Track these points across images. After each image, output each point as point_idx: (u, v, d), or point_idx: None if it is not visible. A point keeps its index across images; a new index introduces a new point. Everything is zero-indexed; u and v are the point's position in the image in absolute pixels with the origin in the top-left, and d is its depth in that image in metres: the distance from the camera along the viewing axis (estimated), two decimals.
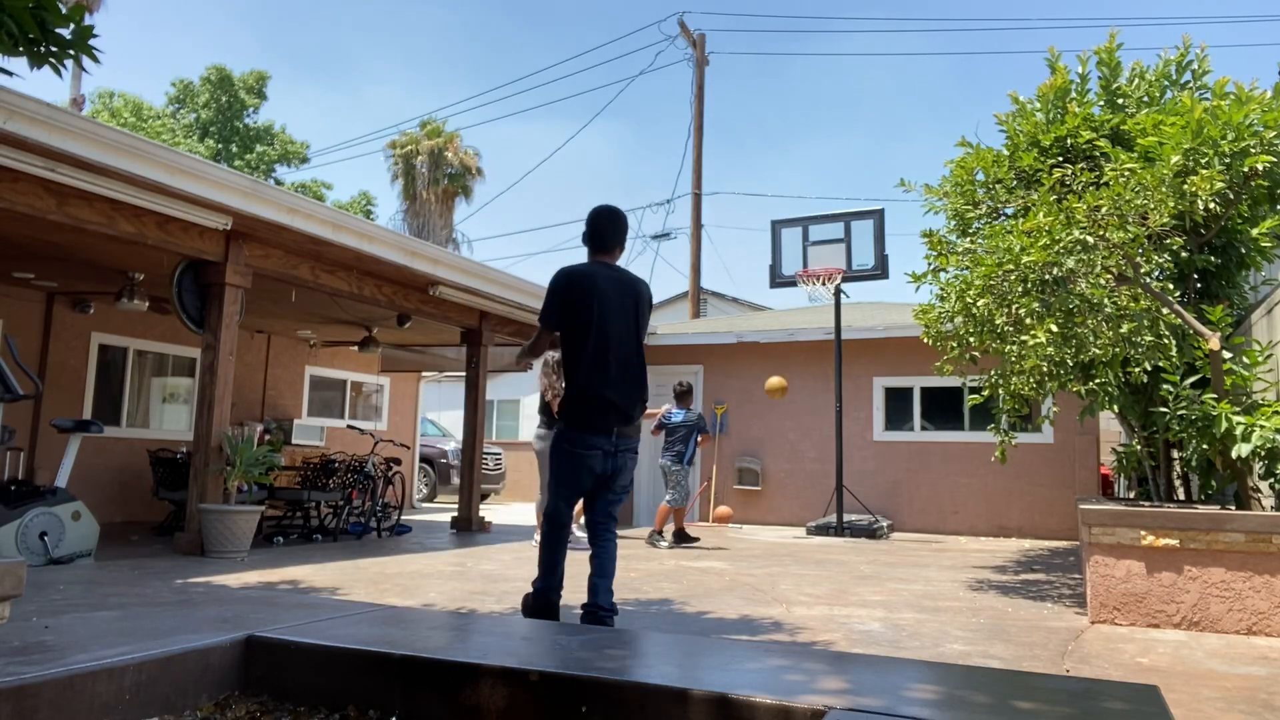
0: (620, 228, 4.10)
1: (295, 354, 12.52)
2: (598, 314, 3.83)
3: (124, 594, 4.28)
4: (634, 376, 3.89)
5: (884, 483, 11.48)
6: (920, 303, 6.51)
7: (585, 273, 3.93)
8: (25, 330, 9.13)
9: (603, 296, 3.86)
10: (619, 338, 3.86)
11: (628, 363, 3.87)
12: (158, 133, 24.79)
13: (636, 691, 2.21)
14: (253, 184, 6.47)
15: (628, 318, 3.92)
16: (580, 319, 3.83)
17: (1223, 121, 5.06)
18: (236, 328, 6.90)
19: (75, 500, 5.94)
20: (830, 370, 10.83)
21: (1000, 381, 6.01)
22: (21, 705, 2.11)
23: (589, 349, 3.80)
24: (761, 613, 4.66)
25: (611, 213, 4.10)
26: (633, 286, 4.01)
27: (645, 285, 4.11)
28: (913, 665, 2.54)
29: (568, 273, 3.93)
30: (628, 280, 4.03)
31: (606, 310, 3.85)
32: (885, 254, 10.28)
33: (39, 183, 5.47)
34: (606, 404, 3.79)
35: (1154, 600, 4.52)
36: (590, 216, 4.10)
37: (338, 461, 8.50)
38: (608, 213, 4.09)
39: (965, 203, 6.26)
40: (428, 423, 16.87)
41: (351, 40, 66.03)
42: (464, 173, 29.87)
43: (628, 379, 3.86)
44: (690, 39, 18.38)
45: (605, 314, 3.84)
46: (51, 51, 3.16)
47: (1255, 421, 4.63)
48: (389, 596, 4.82)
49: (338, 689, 2.56)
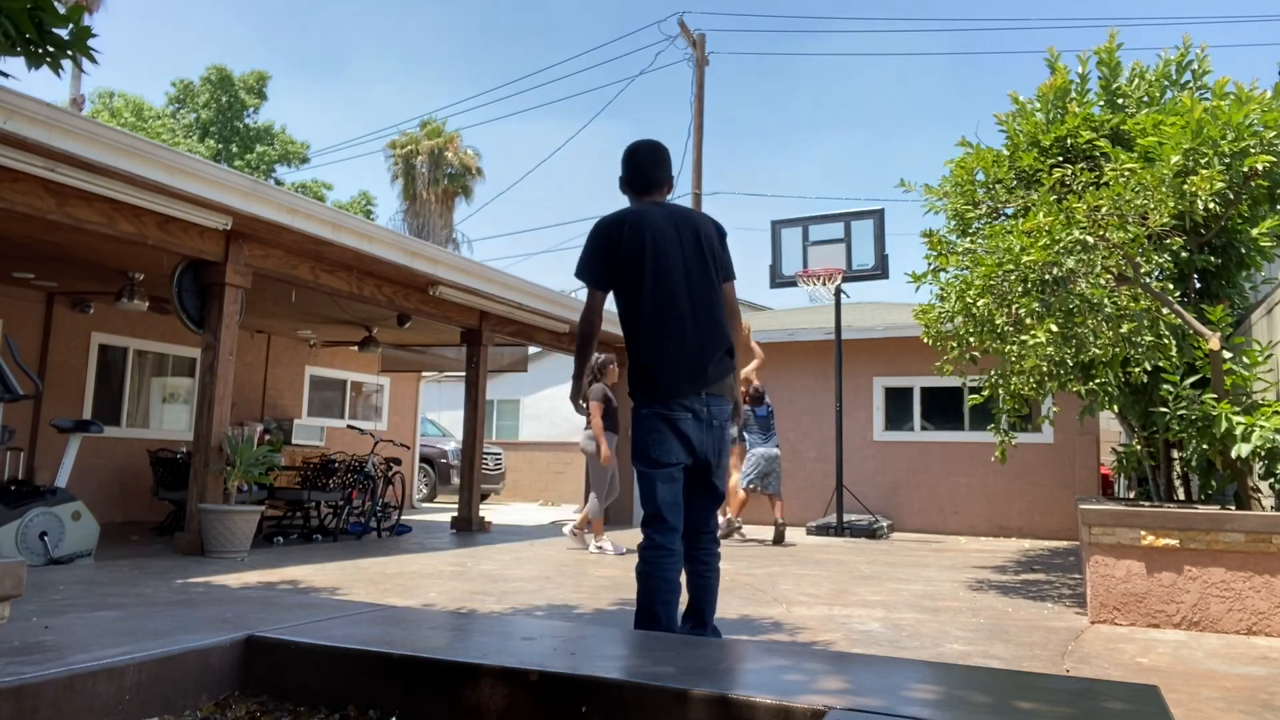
0: (664, 159, 3.47)
1: (295, 354, 12.52)
2: (651, 260, 3.20)
3: (124, 594, 4.28)
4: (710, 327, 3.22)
5: (884, 483, 11.48)
6: (920, 303, 6.51)
7: (631, 213, 3.30)
8: (25, 330, 9.13)
9: (658, 235, 3.23)
10: (685, 283, 3.22)
11: (699, 311, 3.21)
12: (158, 133, 24.80)
13: (636, 691, 2.21)
14: (253, 184, 6.47)
15: (691, 258, 3.26)
16: (631, 269, 3.21)
17: (1223, 121, 5.06)
18: (236, 328, 6.90)
19: (75, 500, 5.94)
20: (830, 370, 10.83)
21: (1000, 381, 6.01)
22: (21, 705, 2.11)
23: (645, 302, 3.19)
24: (761, 613, 4.66)
25: (651, 145, 3.47)
26: (690, 220, 3.35)
27: (707, 217, 3.44)
28: (913, 665, 2.54)
29: (607, 219, 3.32)
30: (683, 215, 3.36)
31: (662, 253, 3.21)
32: (885, 254, 10.28)
33: (39, 183, 5.47)
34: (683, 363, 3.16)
35: (1154, 600, 4.52)
36: (627, 154, 3.48)
37: (338, 461, 8.50)
38: (647, 146, 3.46)
39: (965, 203, 6.26)
40: (428, 423, 16.87)
41: (352, 40, 66.04)
42: (464, 173, 29.89)
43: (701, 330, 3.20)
44: (690, 39, 18.39)
45: (661, 258, 3.21)
46: (49, 52, 3.16)
47: (1255, 421, 4.63)
48: (389, 596, 4.82)
49: (338, 689, 2.56)
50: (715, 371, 3.21)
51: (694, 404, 3.16)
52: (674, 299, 3.19)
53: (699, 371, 3.17)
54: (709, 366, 3.19)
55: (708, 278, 3.28)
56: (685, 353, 3.17)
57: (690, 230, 3.31)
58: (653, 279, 3.20)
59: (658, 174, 3.45)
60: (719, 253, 3.37)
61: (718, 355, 3.22)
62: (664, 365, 3.16)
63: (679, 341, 3.17)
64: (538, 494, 18.72)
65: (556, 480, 18.60)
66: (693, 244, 3.29)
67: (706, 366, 3.18)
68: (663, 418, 3.15)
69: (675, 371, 3.15)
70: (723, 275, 3.36)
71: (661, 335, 3.18)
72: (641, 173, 3.44)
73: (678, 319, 3.18)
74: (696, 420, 3.17)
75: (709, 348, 3.20)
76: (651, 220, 3.27)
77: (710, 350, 3.20)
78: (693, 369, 3.16)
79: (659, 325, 3.18)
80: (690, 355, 3.17)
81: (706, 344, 3.20)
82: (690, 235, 3.30)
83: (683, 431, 3.14)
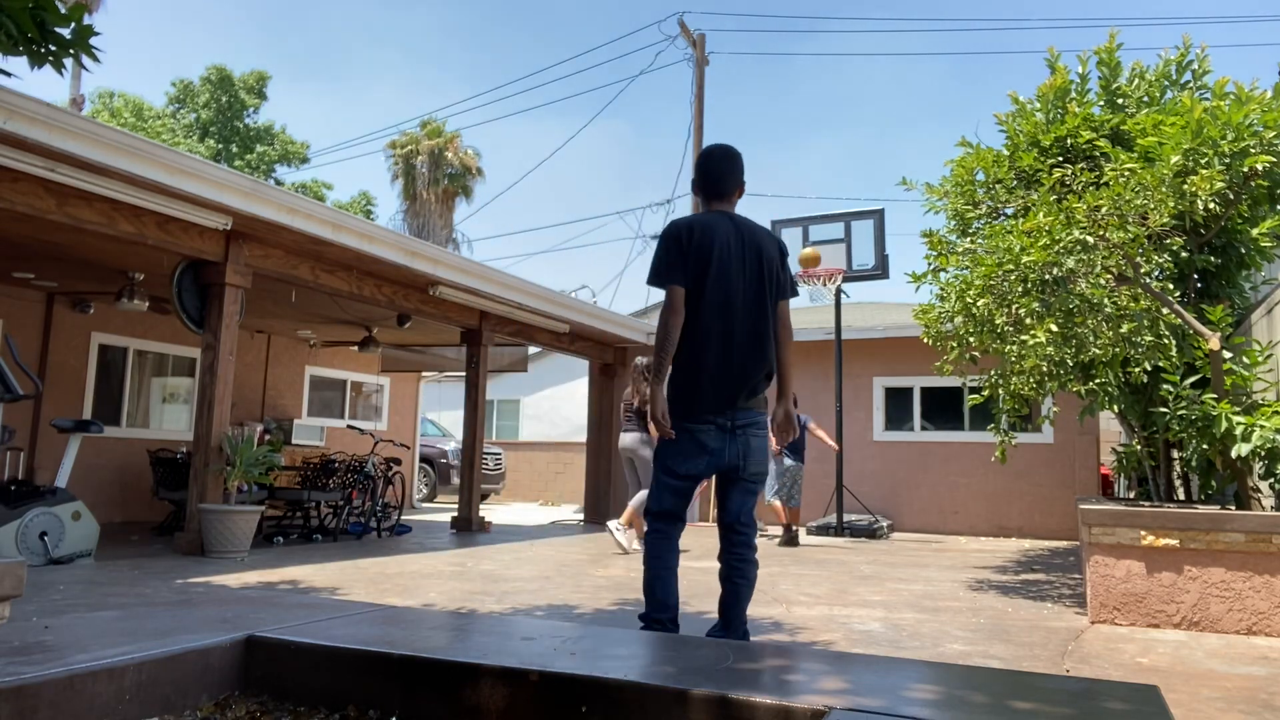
0: (735, 166, 3.51)
1: (295, 354, 12.52)
2: (714, 279, 3.28)
3: (124, 594, 4.28)
4: (754, 353, 3.31)
5: (884, 483, 11.48)
6: (920, 303, 6.51)
7: (701, 222, 3.37)
8: (25, 330, 9.13)
9: (724, 253, 3.30)
10: (740, 307, 3.30)
11: (747, 337, 3.30)
12: (158, 133, 24.79)
13: (636, 691, 2.21)
14: (253, 184, 6.47)
15: (750, 281, 3.34)
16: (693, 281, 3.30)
17: (1222, 121, 5.06)
18: (236, 328, 6.90)
19: (75, 500, 5.94)
20: (830, 370, 10.83)
21: (1000, 381, 6.00)
22: (21, 705, 2.10)
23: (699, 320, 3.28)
24: (761, 613, 4.66)
25: (723, 150, 3.52)
26: (756, 240, 3.40)
27: (771, 237, 3.48)
28: (913, 665, 2.54)
29: (679, 224, 3.38)
30: (750, 232, 3.41)
31: (725, 274, 3.29)
32: (885, 254, 10.28)
33: (39, 183, 5.47)
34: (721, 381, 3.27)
35: (1154, 600, 4.52)
36: (700, 157, 3.55)
37: (338, 461, 8.50)
38: (719, 152, 3.51)
39: (965, 203, 6.26)
40: (428, 423, 16.87)
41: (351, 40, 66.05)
42: (464, 173, 29.88)
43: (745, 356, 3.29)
44: (690, 39, 18.39)
45: (722, 279, 3.28)
46: (51, 51, 3.16)
47: (1255, 421, 4.63)
48: (389, 596, 4.82)
49: (338, 689, 2.56)
50: (747, 395, 3.31)
51: (719, 419, 3.28)
52: (726, 320, 3.28)
53: (733, 397, 3.28)
54: (743, 391, 3.29)
55: (761, 302, 3.36)
56: (724, 378, 3.27)
57: (754, 251, 3.37)
58: (711, 298, 3.29)
59: (727, 182, 3.50)
60: (778, 274, 3.44)
61: (755, 381, 3.31)
62: (701, 386, 3.28)
63: (723, 366, 3.27)
64: (538, 494, 18.72)
65: (556, 480, 18.61)
66: (754, 266, 3.36)
67: (741, 392, 3.28)
68: (687, 431, 3.28)
69: (710, 393, 3.27)
70: (779, 295, 3.44)
71: (705, 355, 3.28)
72: (711, 179, 3.49)
73: (725, 342, 3.27)
74: (720, 431, 3.27)
75: (749, 372, 3.30)
76: (720, 235, 3.34)
77: (750, 375, 3.30)
78: (728, 394, 3.27)
79: (706, 346, 3.28)
80: (728, 381, 3.27)
81: (748, 370, 3.30)
82: (754, 257, 3.36)
83: (703, 443, 3.27)
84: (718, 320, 3.27)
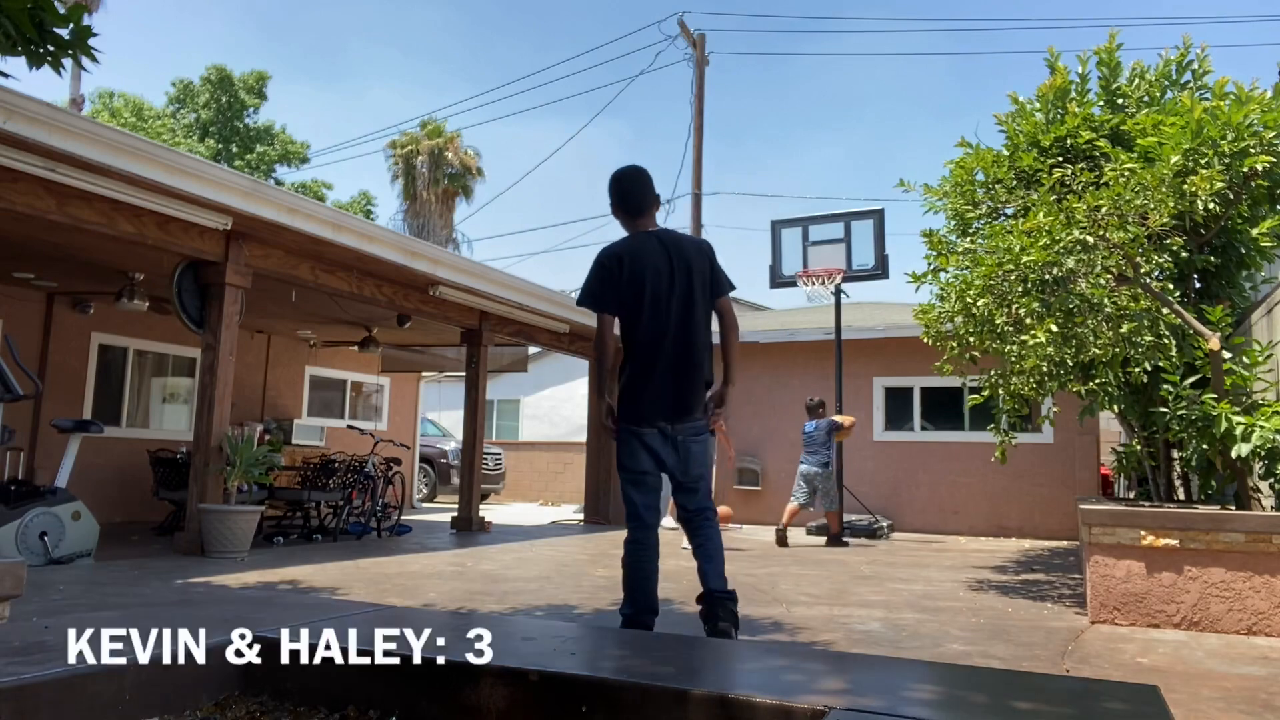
0: (648, 183, 3.77)
1: (295, 354, 12.52)
2: (649, 304, 3.56)
3: (124, 594, 4.28)
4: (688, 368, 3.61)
5: (884, 483, 11.48)
6: (920, 303, 6.51)
7: (630, 249, 3.63)
8: (25, 330, 9.13)
9: (655, 277, 3.58)
10: (673, 326, 3.58)
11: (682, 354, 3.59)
12: (158, 133, 24.79)
13: (636, 691, 2.21)
14: (253, 184, 6.47)
15: (681, 298, 3.60)
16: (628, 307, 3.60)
17: (1222, 122, 5.05)
18: (236, 328, 6.90)
19: (75, 500, 5.94)
20: (830, 370, 10.82)
21: (1000, 381, 6.00)
22: (21, 705, 2.11)
23: (637, 340, 3.60)
24: (761, 613, 4.66)
25: (634, 171, 3.78)
26: (684, 254, 3.64)
27: (695, 247, 3.71)
28: (913, 665, 2.54)
29: (608, 251, 3.65)
30: (676, 247, 3.66)
31: (658, 297, 3.57)
32: (885, 254, 10.26)
33: (39, 183, 5.47)
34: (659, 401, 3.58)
35: (1154, 600, 4.52)
36: (613, 182, 3.78)
37: (338, 461, 8.50)
38: (630, 173, 3.78)
39: (965, 203, 6.26)
40: (428, 423, 16.87)
41: (351, 40, 66.03)
42: (464, 173, 29.89)
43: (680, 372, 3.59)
44: (690, 39, 18.39)
45: (656, 303, 3.56)
46: (49, 52, 3.16)
47: (1255, 421, 4.62)
48: (389, 596, 4.82)
49: (338, 689, 2.56)
50: (685, 409, 3.63)
51: (660, 424, 3.61)
52: (661, 347, 3.59)
53: (671, 407, 3.61)
54: (680, 407, 3.62)
55: (695, 316, 3.64)
56: (661, 398, 3.60)
57: (684, 266, 3.64)
58: (648, 325, 3.59)
59: (645, 199, 3.76)
60: (710, 279, 3.70)
61: (690, 398, 3.63)
62: (644, 399, 3.61)
63: (660, 388, 3.60)
64: (538, 494, 18.72)
65: (556, 480, 18.61)
66: (685, 281, 3.62)
67: (678, 407, 3.61)
68: (634, 434, 3.62)
69: (652, 405, 3.61)
70: (716, 294, 3.73)
71: (644, 380, 3.61)
72: (631, 200, 3.76)
73: (662, 365, 3.59)
74: (662, 437, 3.61)
75: (684, 392, 3.62)
76: (651, 261, 3.62)
77: (685, 395, 3.62)
78: (667, 405, 3.61)
79: (644, 373, 3.61)
80: (665, 400, 3.60)
81: (683, 389, 3.61)
82: (684, 272, 3.63)
83: (649, 445, 3.61)
84: (654, 347, 3.58)
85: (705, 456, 3.72)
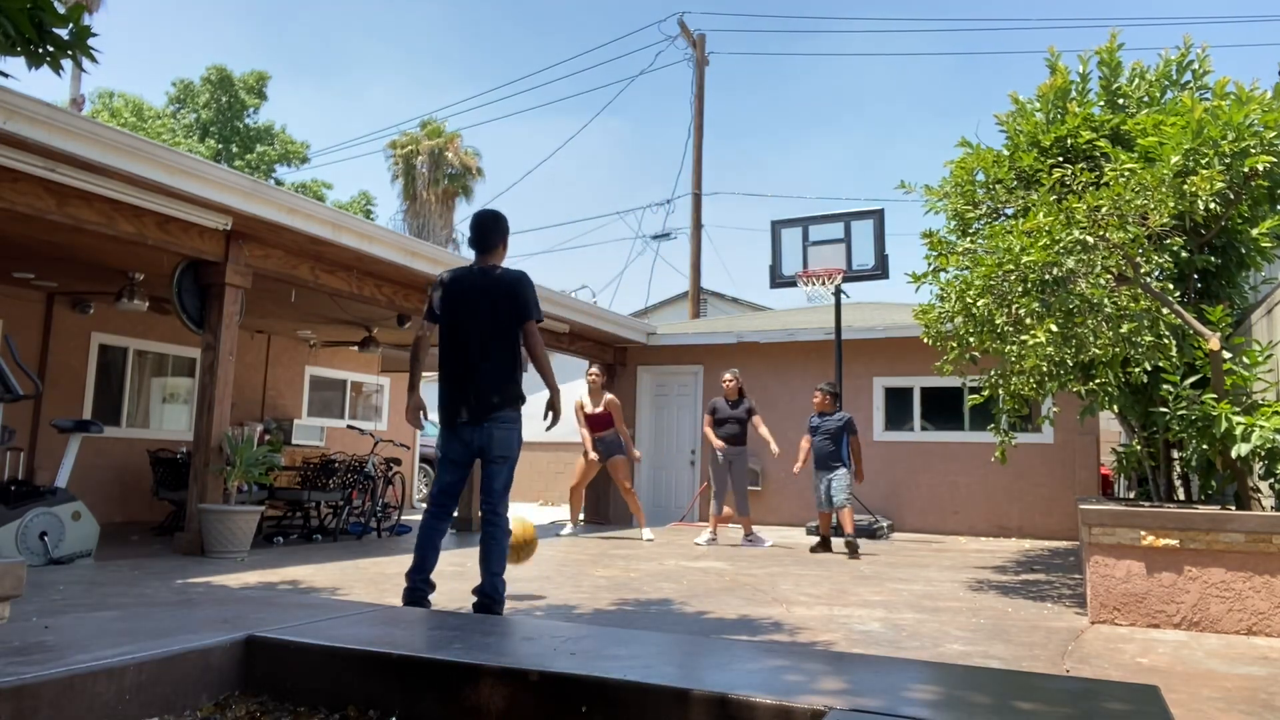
0: (485, 230, 4.43)
1: (295, 354, 12.52)
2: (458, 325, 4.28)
3: (124, 594, 4.28)
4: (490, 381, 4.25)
5: (884, 483, 11.47)
6: (920, 303, 6.51)
7: (453, 279, 4.37)
8: (25, 330, 9.13)
9: (467, 303, 4.29)
10: (477, 345, 4.24)
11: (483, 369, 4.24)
12: (158, 133, 24.79)
13: (636, 691, 2.21)
14: (253, 184, 6.47)
15: (487, 325, 4.26)
16: (443, 322, 4.35)
17: (1223, 122, 5.05)
18: (236, 328, 6.90)
19: (75, 500, 5.94)
20: (830, 370, 10.82)
21: (1000, 381, 6.00)
22: (21, 705, 2.10)
23: (446, 355, 4.31)
24: (761, 613, 4.66)
25: (491, 215, 4.50)
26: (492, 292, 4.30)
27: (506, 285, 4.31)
28: (913, 665, 2.54)
29: (441, 276, 4.43)
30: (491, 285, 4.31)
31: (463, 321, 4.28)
32: (885, 254, 10.27)
33: (39, 183, 5.47)
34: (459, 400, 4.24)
35: (1154, 600, 4.52)
36: (472, 221, 4.52)
37: (338, 461, 8.50)
38: (489, 216, 4.49)
39: (965, 203, 6.25)
40: (428, 423, 16.86)
41: (351, 40, 66.04)
42: (464, 173, 29.88)
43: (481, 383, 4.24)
44: (690, 39, 18.39)
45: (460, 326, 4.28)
46: (49, 52, 3.16)
47: (1255, 421, 4.62)
48: (389, 596, 4.82)
49: (338, 689, 2.56)
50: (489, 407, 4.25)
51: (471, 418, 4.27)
52: (466, 356, 4.26)
53: (476, 410, 4.25)
54: (484, 406, 4.25)
55: (498, 334, 4.27)
56: (466, 400, 4.26)
57: (489, 297, 4.29)
58: (457, 337, 4.29)
59: (489, 240, 4.43)
60: (516, 309, 4.30)
61: (491, 399, 4.25)
62: (454, 403, 4.28)
63: (466, 392, 4.26)
64: (537, 494, 18.72)
65: (556, 480, 18.60)
66: (489, 308, 4.28)
67: (482, 406, 4.24)
68: (451, 427, 4.32)
69: (461, 409, 4.27)
70: (522, 319, 4.33)
71: (454, 383, 4.29)
72: (477, 238, 4.46)
73: (466, 372, 4.26)
74: (472, 426, 4.26)
75: (485, 395, 4.24)
76: (465, 286, 4.33)
77: (486, 397, 4.24)
78: (472, 409, 4.25)
79: (453, 377, 4.30)
80: (470, 401, 4.25)
81: (484, 393, 4.24)
82: (488, 301, 4.29)
83: (460, 436, 4.30)
84: (461, 356, 4.27)
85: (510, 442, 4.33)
